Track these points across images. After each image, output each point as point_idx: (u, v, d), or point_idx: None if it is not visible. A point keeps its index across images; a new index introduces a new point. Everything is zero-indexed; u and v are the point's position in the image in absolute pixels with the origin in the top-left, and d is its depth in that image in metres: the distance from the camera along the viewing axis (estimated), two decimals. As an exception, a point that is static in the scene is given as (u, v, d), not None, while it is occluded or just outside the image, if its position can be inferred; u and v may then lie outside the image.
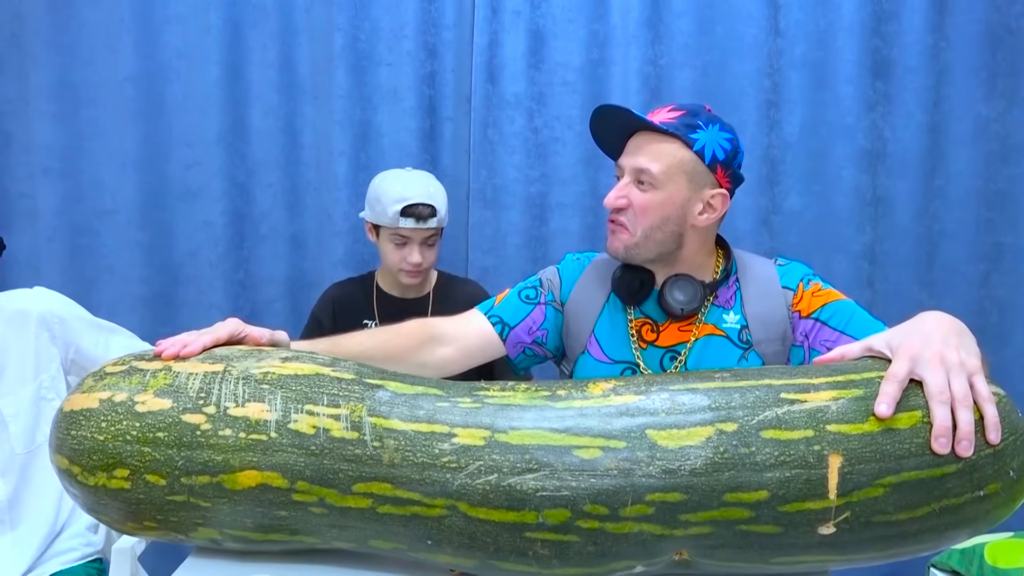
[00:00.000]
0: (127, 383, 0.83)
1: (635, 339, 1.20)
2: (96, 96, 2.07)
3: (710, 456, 0.75)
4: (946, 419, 0.75)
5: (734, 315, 1.18)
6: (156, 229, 2.10)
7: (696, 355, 1.17)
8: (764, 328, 1.16)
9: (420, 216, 1.70)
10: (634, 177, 1.15)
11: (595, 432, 0.77)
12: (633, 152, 1.15)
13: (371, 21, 2.08)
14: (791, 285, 1.18)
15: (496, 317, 1.24)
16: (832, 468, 0.74)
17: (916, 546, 0.79)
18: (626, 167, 1.16)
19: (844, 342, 1.05)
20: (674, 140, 1.13)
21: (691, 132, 1.13)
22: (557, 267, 1.30)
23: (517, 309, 1.24)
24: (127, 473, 0.80)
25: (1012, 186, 2.11)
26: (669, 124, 1.13)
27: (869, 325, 1.11)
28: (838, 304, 1.14)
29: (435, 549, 0.79)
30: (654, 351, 1.19)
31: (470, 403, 0.81)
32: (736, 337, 1.17)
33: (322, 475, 0.79)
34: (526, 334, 1.24)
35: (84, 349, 1.48)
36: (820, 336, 1.13)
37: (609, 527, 0.75)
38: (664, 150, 1.13)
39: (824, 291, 1.17)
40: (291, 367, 0.84)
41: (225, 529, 0.82)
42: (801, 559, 0.79)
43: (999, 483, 0.77)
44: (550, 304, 1.25)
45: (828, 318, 1.13)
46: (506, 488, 0.75)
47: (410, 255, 1.73)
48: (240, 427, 0.80)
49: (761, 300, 1.18)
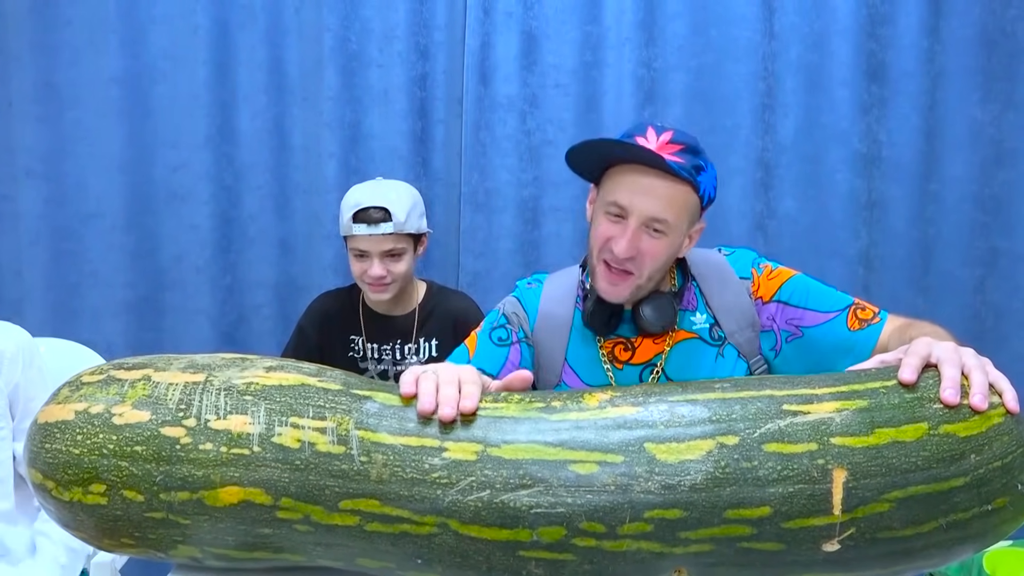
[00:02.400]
0: (104, 393, 0.79)
1: (607, 361, 1.18)
2: (80, 97, 2.03)
3: (711, 471, 0.72)
4: (956, 376, 0.76)
5: (700, 315, 1.18)
6: (142, 233, 2.07)
7: (672, 362, 1.16)
8: (733, 319, 1.16)
9: (371, 220, 1.63)
10: (644, 223, 1.08)
11: (592, 446, 0.74)
12: (644, 194, 1.07)
13: (361, 22, 2.06)
14: (746, 274, 1.19)
15: (478, 367, 1.18)
16: (837, 483, 0.72)
17: (922, 562, 0.77)
18: (635, 210, 1.07)
19: (810, 317, 1.11)
20: (685, 184, 1.08)
21: (698, 175, 1.09)
22: (516, 297, 1.26)
23: (494, 356, 1.19)
24: (104, 488, 0.76)
25: (1007, 190, 2.10)
26: (682, 167, 1.06)
27: (827, 295, 1.14)
28: (793, 281, 1.16)
29: (425, 568, 0.76)
30: (631, 369, 1.18)
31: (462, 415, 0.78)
32: (708, 336, 1.17)
33: (307, 491, 0.75)
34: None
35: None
36: (786, 316, 1.14)
37: (606, 545, 0.72)
38: (678, 198, 1.08)
39: (776, 271, 1.18)
40: (276, 377, 0.81)
41: (206, 547, 0.79)
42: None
43: (1007, 497, 0.75)
44: (523, 341, 1.21)
45: (788, 297, 1.15)
46: (499, 505, 0.72)
47: (370, 267, 1.66)
48: (221, 441, 0.76)
49: (723, 294, 1.18)
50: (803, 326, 1.13)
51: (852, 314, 1.11)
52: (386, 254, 1.67)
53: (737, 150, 2.08)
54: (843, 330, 1.10)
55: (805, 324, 1.13)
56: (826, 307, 1.12)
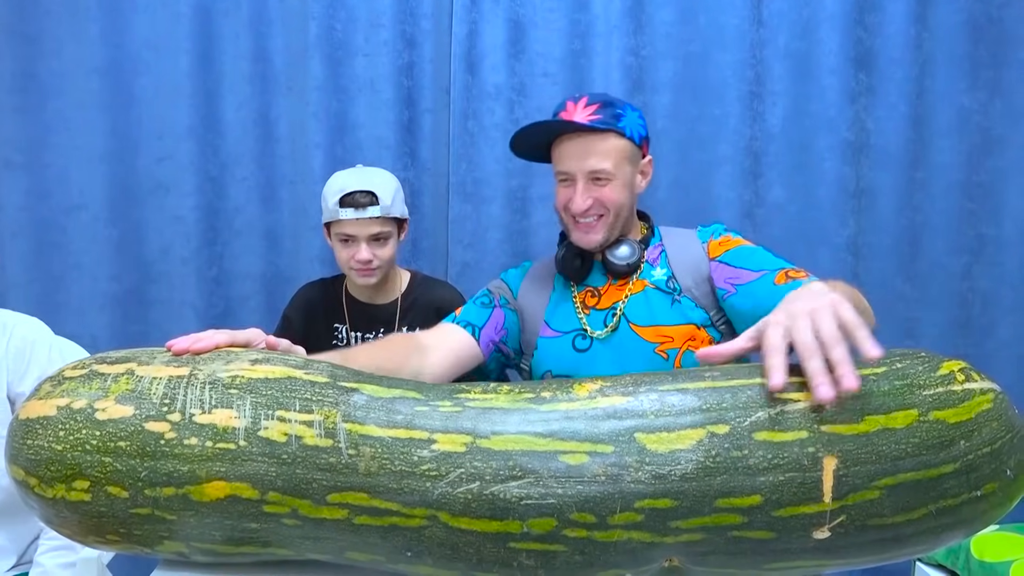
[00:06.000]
0: (86, 388, 0.78)
1: (579, 308, 1.32)
2: (62, 88, 2.00)
3: (701, 460, 0.72)
4: (819, 367, 0.71)
5: (660, 269, 1.31)
6: (126, 225, 2.04)
7: (631, 306, 1.28)
8: (688, 274, 1.28)
9: (358, 204, 1.63)
10: (588, 178, 1.25)
11: (582, 436, 0.74)
12: (579, 156, 1.24)
13: (347, 10, 2.03)
14: (704, 239, 1.32)
15: (464, 321, 1.31)
16: (827, 471, 0.72)
17: (912, 548, 0.77)
18: (576, 171, 1.25)
19: (744, 276, 1.20)
20: (608, 134, 1.24)
21: (618, 122, 1.24)
22: (501, 276, 1.42)
23: (479, 312, 1.33)
24: (87, 485, 0.75)
25: (994, 178, 2.11)
26: (599, 122, 1.22)
27: (766, 258, 1.21)
28: (741, 247, 1.27)
29: (415, 561, 0.76)
30: (596, 314, 1.30)
31: (450, 407, 0.77)
32: (664, 286, 1.29)
33: (295, 485, 0.74)
34: (494, 332, 1.32)
35: None
36: (724, 274, 1.24)
37: (597, 536, 0.72)
38: (607, 146, 1.24)
39: (734, 239, 1.29)
40: (261, 370, 0.80)
41: (192, 542, 0.78)
42: (795, 564, 0.76)
43: (996, 483, 0.76)
44: (505, 307, 1.35)
45: (731, 260, 1.25)
46: (489, 496, 0.72)
47: (357, 252, 1.66)
48: (207, 435, 0.75)
49: (682, 253, 1.31)
50: (737, 283, 1.22)
51: (783, 273, 1.16)
52: (372, 238, 1.66)
53: (725, 138, 2.08)
54: (770, 285, 1.15)
55: (740, 282, 1.22)
56: (759, 267, 1.20)
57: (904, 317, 2.12)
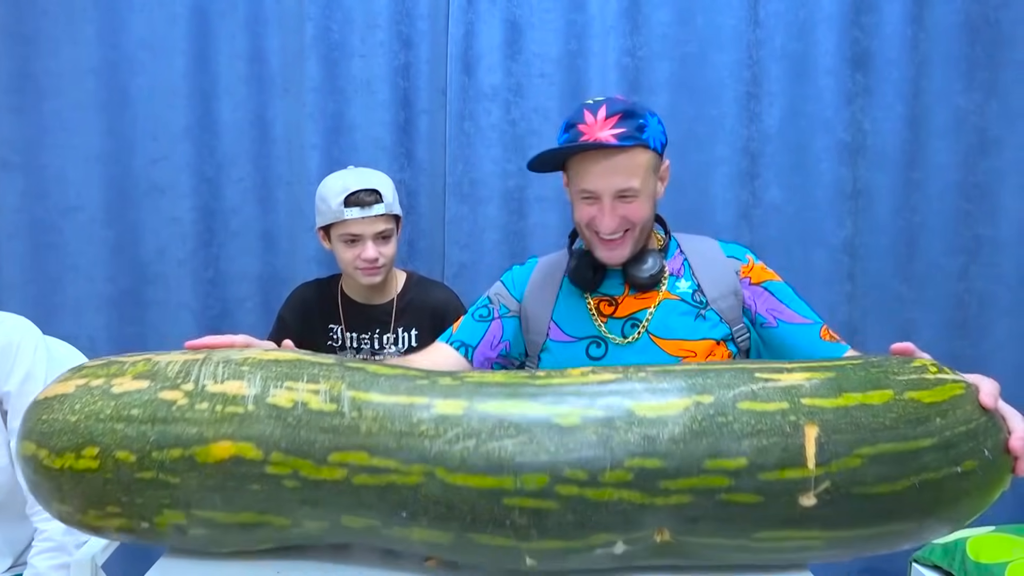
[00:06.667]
0: (105, 371, 0.83)
1: (595, 315, 1.28)
2: (58, 88, 2.00)
3: (688, 423, 0.77)
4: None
5: (685, 281, 1.28)
6: (122, 226, 2.04)
7: (658, 318, 1.25)
8: (715, 287, 1.26)
9: (363, 203, 1.64)
10: (616, 197, 1.20)
11: (575, 403, 0.79)
12: (605, 175, 1.18)
13: (343, 11, 2.03)
14: (737, 256, 1.30)
15: (458, 342, 1.30)
16: (808, 437, 0.76)
17: (900, 524, 0.79)
18: (603, 191, 1.19)
19: (788, 314, 1.24)
20: (634, 150, 1.19)
21: (643, 135, 1.19)
22: (502, 280, 1.38)
23: (474, 329, 1.32)
24: (96, 451, 0.78)
25: (990, 178, 2.11)
26: (626, 137, 1.17)
27: (807, 307, 1.27)
28: (782, 283, 1.29)
29: (410, 521, 0.78)
30: (614, 322, 1.27)
31: (450, 381, 0.83)
32: (690, 299, 1.26)
33: (298, 446, 0.78)
34: (490, 349, 1.31)
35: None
36: (767, 304, 1.25)
37: (588, 493, 0.75)
38: (634, 163, 1.19)
39: (769, 271, 1.30)
40: (272, 354, 0.85)
41: (192, 510, 0.80)
42: (784, 534, 0.78)
43: (976, 461, 0.79)
44: (504, 317, 1.33)
45: (775, 291, 1.27)
46: (484, 452, 0.75)
47: (364, 251, 1.66)
48: (217, 401, 0.79)
49: (708, 266, 1.29)
50: (780, 319, 1.24)
51: (825, 329, 1.23)
52: (378, 236, 1.67)
53: (722, 139, 2.08)
54: (816, 337, 1.22)
55: (783, 318, 1.24)
56: (805, 313, 1.25)
57: (901, 318, 2.12)
